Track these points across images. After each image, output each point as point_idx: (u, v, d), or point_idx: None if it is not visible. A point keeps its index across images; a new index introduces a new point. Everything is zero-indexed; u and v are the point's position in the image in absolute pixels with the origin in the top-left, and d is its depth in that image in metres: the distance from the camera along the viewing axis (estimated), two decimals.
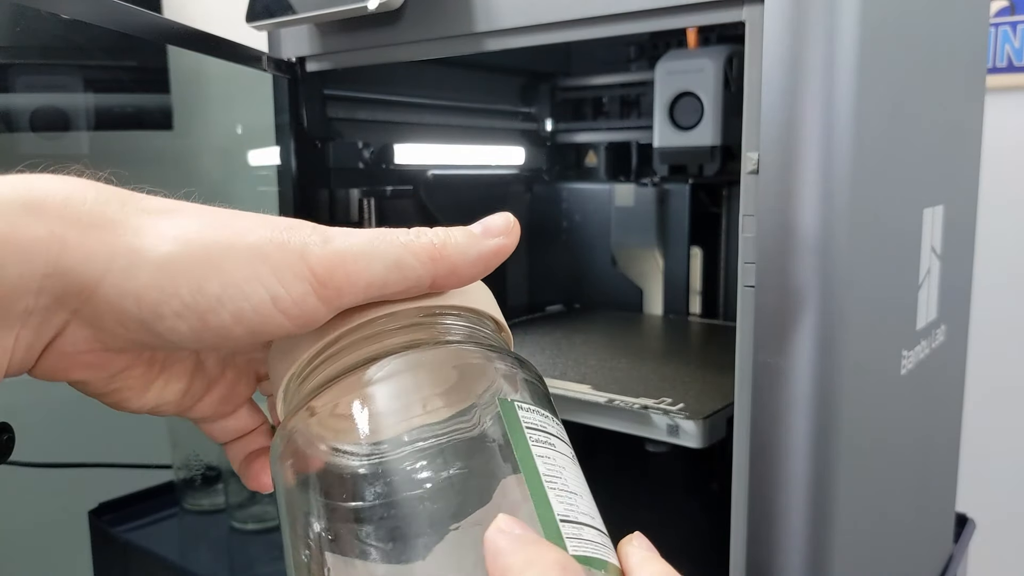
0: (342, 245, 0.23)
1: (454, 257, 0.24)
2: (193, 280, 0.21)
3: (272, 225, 0.23)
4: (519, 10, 0.52)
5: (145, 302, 0.21)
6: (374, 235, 0.24)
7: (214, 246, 0.22)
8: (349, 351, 0.24)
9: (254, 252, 0.22)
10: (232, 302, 0.22)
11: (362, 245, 0.23)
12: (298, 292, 0.22)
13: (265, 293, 0.22)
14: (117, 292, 0.21)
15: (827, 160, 0.41)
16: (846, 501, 0.45)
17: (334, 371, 0.23)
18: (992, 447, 1.08)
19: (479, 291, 0.27)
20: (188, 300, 0.21)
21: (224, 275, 0.22)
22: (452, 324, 0.25)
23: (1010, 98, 1.03)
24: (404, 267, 0.23)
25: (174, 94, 0.95)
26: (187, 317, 0.22)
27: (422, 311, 0.24)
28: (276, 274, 0.22)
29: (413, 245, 0.24)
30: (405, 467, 0.21)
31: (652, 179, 0.90)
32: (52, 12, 0.51)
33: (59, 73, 0.81)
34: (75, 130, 0.84)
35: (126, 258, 0.21)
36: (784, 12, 0.41)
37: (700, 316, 0.90)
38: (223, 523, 0.75)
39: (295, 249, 0.22)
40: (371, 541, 0.21)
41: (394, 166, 0.78)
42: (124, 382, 0.26)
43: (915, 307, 0.54)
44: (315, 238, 0.23)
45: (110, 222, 0.21)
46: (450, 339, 0.24)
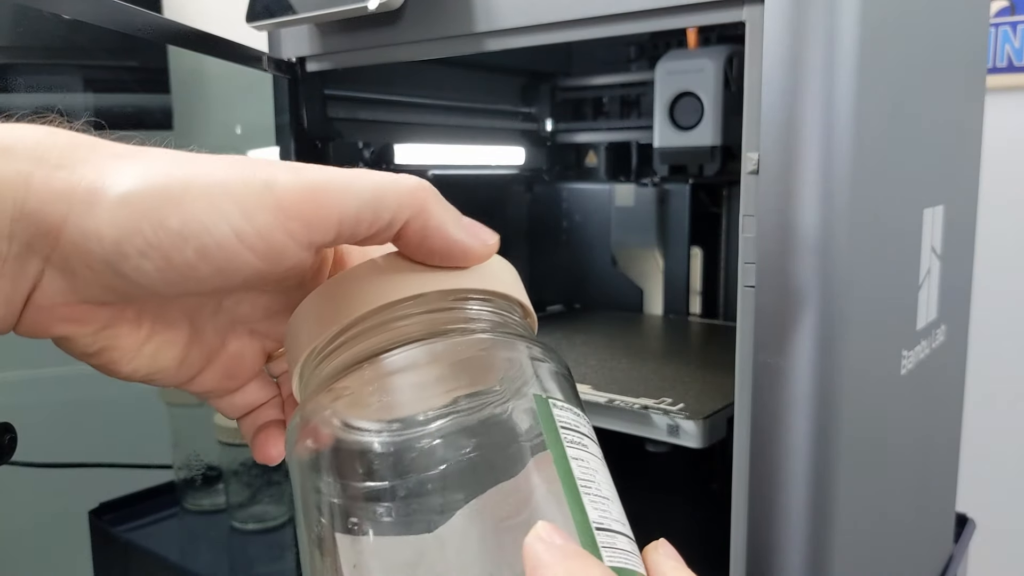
0: (314, 176, 0.22)
1: (430, 221, 0.23)
2: (154, 215, 0.21)
3: (244, 161, 0.22)
4: (519, 10, 0.52)
5: (107, 240, 0.21)
6: (353, 173, 0.22)
7: (176, 181, 0.21)
8: (372, 334, 0.23)
9: (217, 184, 0.21)
10: (195, 237, 0.21)
11: (337, 178, 0.22)
12: (263, 224, 0.21)
13: (227, 227, 0.21)
14: (80, 232, 0.21)
15: (827, 160, 0.41)
16: (846, 501, 0.45)
17: (357, 354, 0.22)
18: (992, 447, 1.08)
19: (506, 273, 0.26)
20: (150, 237, 0.21)
21: (185, 209, 0.21)
22: (479, 310, 0.24)
23: (1010, 98, 1.03)
24: (379, 206, 0.22)
25: (174, 94, 0.95)
26: (151, 256, 0.21)
27: (449, 295, 0.24)
28: (239, 206, 0.21)
29: (394, 190, 0.22)
30: (425, 451, 0.21)
31: (652, 179, 0.90)
32: (53, 12, 0.51)
33: (60, 73, 0.81)
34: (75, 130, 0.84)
35: (87, 196, 0.20)
36: (784, 12, 0.41)
37: (700, 316, 0.90)
38: (223, 523, 0.75)
39: (261, 179, 0.21)
40: (384, 518, 0.21)
41: (394, 166, 0.78)
42: (110, 341, 0.25)
43: (915, 307, 0.54)
44: (284, 168, 0.22)
45: (78, 163, 0.21)
46: (477, 327, 0.23)
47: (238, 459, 0.72)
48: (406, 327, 0.23)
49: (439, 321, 0.23)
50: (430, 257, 0.24)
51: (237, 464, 0.72)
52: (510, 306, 0.25)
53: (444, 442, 0.21)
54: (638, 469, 0.78)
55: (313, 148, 0.70)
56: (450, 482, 0.21)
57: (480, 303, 0.24)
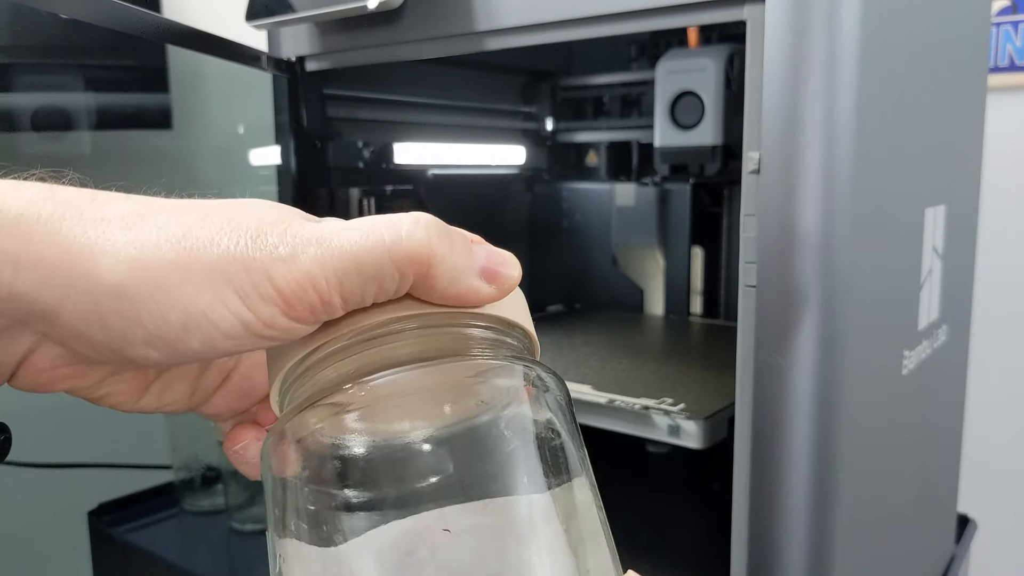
0: (312, 261, 0.20)
1: (438, 280, 0.22)
2: (154, 309, 0.20)
3: (239, 233, 0.21)
4: (519, 9, 0.51)
5: (111, 330, 0.20)
6: (350, 241, 0.21)
7: (172, 269, 0.20)
8: (364, 351, 0.22)
9: (215, 274, 0.20)
10: (199, 330, 0.20)
11: (335, 258, 0.21)
12: (267, 315, 0.21)
13: (233, 318, 0.20)
14: (80, 319, 0.20)
15: (828, 159, 0.41)
16: (847, 501, 0.45)
17: (349, 371, 0.22)
18: (994, 447, 1.08)
19: (514, 297, 0.25)
20: (153, 330, 0.20)
21: (186, 302, 0.20)
22: (480, 333, 0.23)
23: (1012, 98, 1.03)
24: (383, 281, 0.21)
25: (173, 93, 0.95)
26: (156, 345, 0.20)
27: (445, 317, 0.23)
28: (241, 297, 0.20)
29: (398, 254, 0.21)
30: (413, 464, 0.21)
31: (653, 179, 0.90)
32: (52, 12, 0.51)
33: (59, 73, 0.81)
34: (75, 130, 0.84)
35: (82, 284, 0.20)
36: (785, 11, 0.41)
37: (701, 316, 0.90)
38: (223, 524, 0.75)
39: (260, 267, 0.20)
40: (365, 530, 0.21)
41: (394, 165, 0.78)
42: (114, 387, 0.25)
43: (916, 307, 0.54)
44: (282, 251, 0.20)
45: (65, 240, 0.20)
46: (477, 349, 0.23)
47: None
48: (400, 346, 0.22)
49: (435, 341, 0.23)
50: (442, 303, 0.23)
51: None
52: (511, 329, 0.25)
53: (434, 458, 0.21)
54: (639, 469, 0.78)
55: (312, 147, 0.70)
56: (439, 496, 0.21)
57: (481, 327, 0.24)
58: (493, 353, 0.23)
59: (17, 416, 0.49)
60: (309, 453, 0.22)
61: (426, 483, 0.21)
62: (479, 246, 0.23)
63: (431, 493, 0.21)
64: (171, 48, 0.91)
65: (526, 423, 0.22)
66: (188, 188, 0.25)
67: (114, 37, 0.54)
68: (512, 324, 0.24)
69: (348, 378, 0.21)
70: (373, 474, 0.21)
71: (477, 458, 0.22)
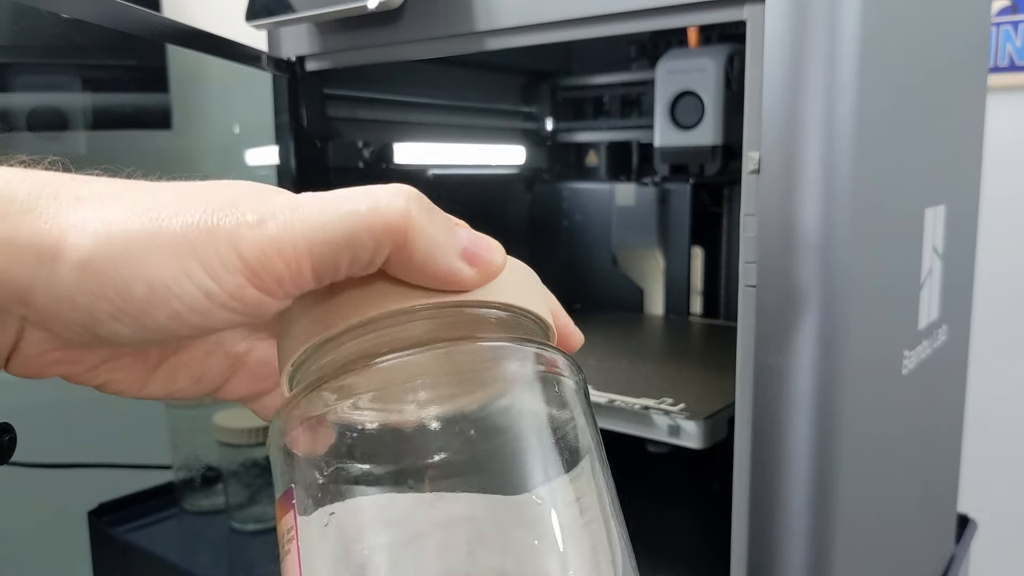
0: (279, 227, 0.20)
1: (415, 253, 0.21)
2: (118, 281, 0.19)
3: (207, 203, 0.20)
4: (519, 9, 0.51)
5: (78, 306, 0.20)
6: (324, 206, 0.20)
7: (136, 241, 0.19)
8: (377, 333, 0.22)
9: (179, 243, 0.19)
10: (164, 303, 0.20)
11: (305, 225, 0.20)
12: (232, 286, 0.20)
13: (196, 290, 0.20)
14: (50, 297, 0.19)
15: (828, 159, 0.41)
16: (847, 501, 0.45)
17: (361, 352, 0.21)
18: (994, 447, 1.08)
19: (525, 284, 0.24)
20: (118, 303, 0.19)
21: (149, 274, 0.19)
22: (490, 316, 0.23)
23: (1012, 97, 1.03)
24: (357, 247, 0.20)
25: (173, 93, 0.95)
26: (123, 320, 0.20)
27: (457, 304, 0.22)
28: (205, 267, 0.19)
29: (374, 222, 0.20)
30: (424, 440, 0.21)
31: (653, 178, 0.90)
32: (51, 11, 0.51)
33: (58, 72, 0.81)
34: (73, 130, 0.84)
35: (50, 259, 0.19)
36: (785, 11, 0.41)
37: (701, 316, 0.90)
38: (223, 524, 0.75)
39: (225, 235, 0.20)
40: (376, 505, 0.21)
41: (394, 166, 0.78)
42: (112, 374, 0.24)
43: (917, 307, 0.54)
44: (249, 218, 0.20)
45: (38, 219, 0.19)
46: (495, 333, 0.22)
47: (237, 460, 0.72)
48: (411, 328, 0.22)
49: (446, 323, 0.22)
50: (421, 283, 0.22)
51: (236, 465, 0.72)
52: (525, 314, 0.24)
53: (444, 437, 0.21)
54: (639, 469, 0.78)
55: (312, 147, 0.70)
56: (450, 474, 0.21)
57: (495, 311, 0.23)
58: (505, 336, 0.22)
59: (18, 416, 0.49)
60: (318, 432, 0.22)
61: (435, 461, 0.21)
62: (462, 228, 0.23)
63: (441, 472, 0.21)
64: (171, 48, 0.91)
65: (539, 406, 0.22)
66: None
67: (114, 37, 0.54)
68: (524, 310, 0.23)
69: (358, 359, 0.21)
70: (382, 452, 0.21)
71: (490, 439, 0.21)
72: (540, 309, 0.24)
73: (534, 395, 0.22)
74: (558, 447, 0.22)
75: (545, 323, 0.24)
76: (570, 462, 0.22)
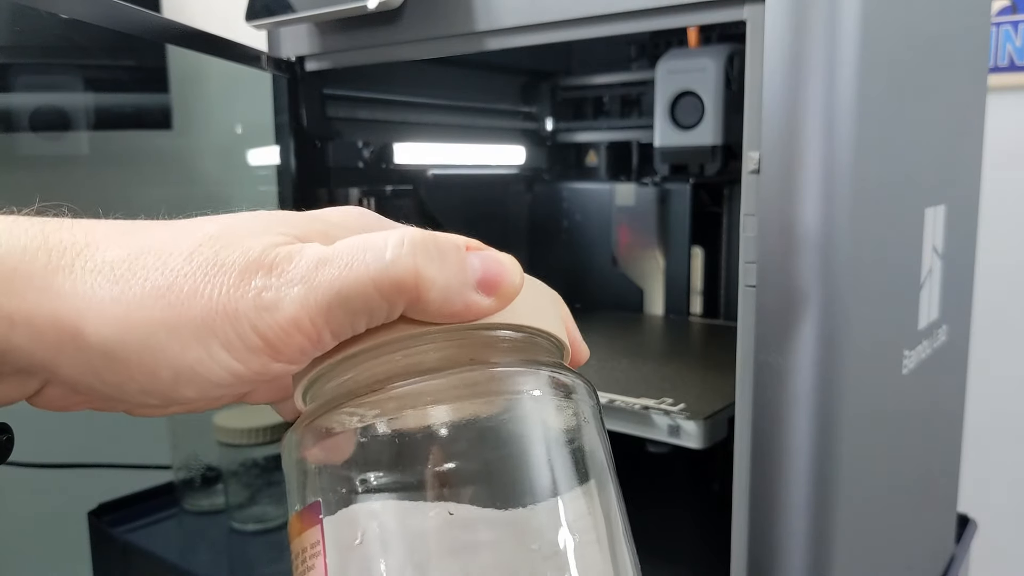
0: (296, 305, 0.20)
1: (430, 304, 0.21)
2: (144, 368, 0.20)
3: (223, 276, 0.20)
4: (519, 9, 0.51)
5: (108, 383, 0.20)
6: (338, 271, 0.20)
7: (158, 327, 0.20)
8: (382, 357, 0.22)
9: (201, 328, 0.20)
10: (190, 384, 0.21)
11: (322, 294, 0.20)
12: (256, 365, 0.21)
13: (221, 371, 0.20)
14: (77, 372, 0.20)
15: (828, 159, 0.41)
16: (847, 501, 0.45)
17: (364, 382, 0.22)
18: (994, 447, 1.08)
19: (540, 301, 0.24)
20: (146, 385, 0.21)
21: (173, 360, 0.20)
22: (504, 338, 0.23)
23: (1012, 97, 1.03)
24: (372, 311, 0.21)
25: (173, 93, 0.95)
26: (153, 395, 0.21)
27: (473, 327, 0.22)
28: (228, 350, 0.20)
29: (383, 283, 0.20)
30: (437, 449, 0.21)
31: (653, 178, 0.90)
32: (51, 12, 0.51)
33: (58, 73, 0.81)
34: (75, 130, 0.84)
35: (72, 345, 0.20)
36: (785, 11, 0.41)
37: (701, 316, 0.90)
38: (223, 524, 0.75)
39: (244, 319, 0.20)
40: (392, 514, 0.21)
41: (394, 166, 0.78)
42: (136, 400, 0.24)
43: (917, 307, 0.54)
44: (266, 298, 0.20)
45: (56, 297, 0.20)
46: (510, 357, 0.23)
47: (237, 460, 0.72)
48: (427, 352, 0.22)
49: (461, 348, 0.22)
50: (441, 322, 0.22)
51: (236, 465, 0.72)
52: (539, 334, 0.24)
53: (458, 452, 0.21)
54: (638, 469, 0.78)
55: (312, 147, 0.70)
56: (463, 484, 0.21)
57: (509, 332, 0.23)
58: (519, 359, 0.23)
59: (17, 416, 0.49)
60: (339, 447, 0.22)
61: (448, 470, 0.21)
62: (475, 255, 0.22)
63: (454, 481, 0.21)
64: (171, 48, 0.91)
65: (551, 426, 0.22)
66: (188, 188, 0.25)
67: (114, 37, 0.54)
68: (540, 331, 0.24)
69: (375, 382, 0.22)
70: (395, 465, 0.21)
71: (501, 451, 0.22)
72: (555, 328, 0.24)
73: (547, 416, 0.22)
74: (569, 464, 0.22)
75: (560, 342, 0.24)
76: (581, 479, 0.22)
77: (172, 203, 0.25)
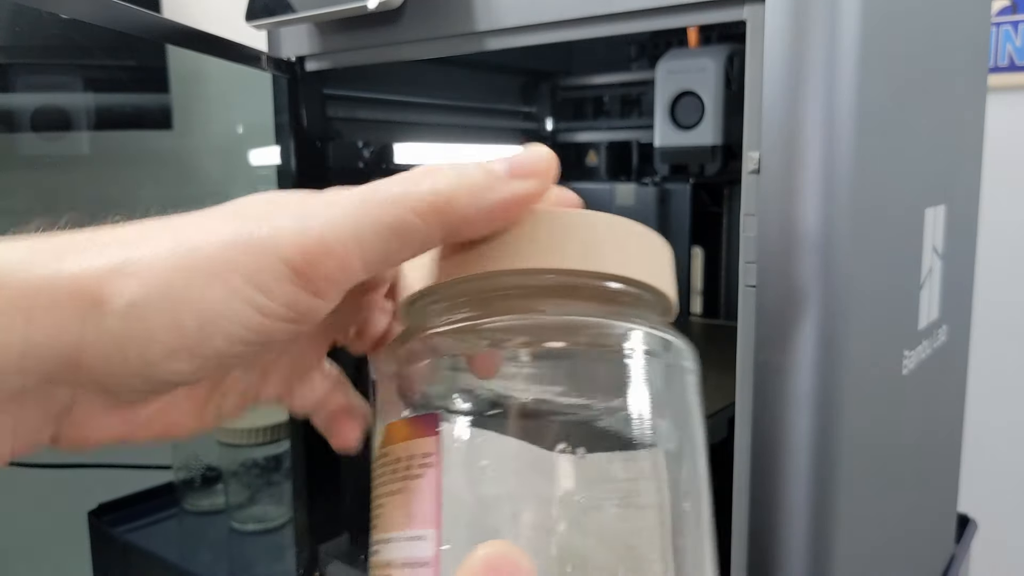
0: (322, 226, 0.19)
1: (465, 208, 0.20)
2: (166, 320, 0.19)
3: (241, 215, 0.20)
4: (520, 9, 0.51)
5: (130, 354, 0.19)
6: (361, 199, 0.20)
7: (174, 273, 0.19)
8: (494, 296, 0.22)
9: (221, 264, 0.19)
10: (218, 330, 0.19)
11: (348, 218, 0.19)
12: (285, 296, 0.19)
13: (248, 308, 0.19)
14: (100, 353, 0.19)
15: (829, 159, 0.41)
16: (848, 501, 0.45)
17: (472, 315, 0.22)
18: (994, 447, 1.08)
19: (654, 256, 0.24)
20: (170, 342, 0.19)
21: (195, 303, 0.19)
22: (612, 289, 0.23)
23: (1012, 97, 1.03)
24: (405, 232, 0.20)
25: (173, 93, 0.95)
26: (180, 357, 0.19)
27: (588, 274, 0.22)
28: (253, 282, 0.19)
29: (410, 200, 0.20)
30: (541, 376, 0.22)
31: (653, 178, 0.90)
32: (51, 12, 0.51)
33: (59, 73, 0.81)
34: (75, 130, 0.84)
35: (94, 311, 0.18)
36: (785, 11, 0.41)
37: (701, 316, 0.90)
38: (223, 524, 0.75)
39: (267, 245, 0.19)
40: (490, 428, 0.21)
41: (394, 166, 0.78)
42: (166, 421, 0.23)
43: (917, 307, 0.54)
44: (288, 223, 0.19)
45: (71, 276, 0.19)
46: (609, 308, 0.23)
47: (237, 460, 0.72)
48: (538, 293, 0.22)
49: (571, 294, 0.22)
50: (498, 228, 0.21)
51: (236, 465, 0.72)
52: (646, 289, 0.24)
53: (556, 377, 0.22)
54: None
55: (312, 147, 0.70)
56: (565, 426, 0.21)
57: (627, 290, 0.23)
58: (623, 312, 0.23)
59: None
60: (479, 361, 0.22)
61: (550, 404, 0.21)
62: (496, 162, 0.22)
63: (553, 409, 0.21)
64: (171, 48, 0.91)
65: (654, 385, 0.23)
66: (188, 188, 0.25)
67: (114, 37, 0.54)
68: (647, 285, 0.24)
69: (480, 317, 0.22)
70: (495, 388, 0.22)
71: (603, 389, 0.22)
72: (663, 283, 0.24)
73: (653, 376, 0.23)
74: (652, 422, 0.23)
75: (664, 294, 0.25)
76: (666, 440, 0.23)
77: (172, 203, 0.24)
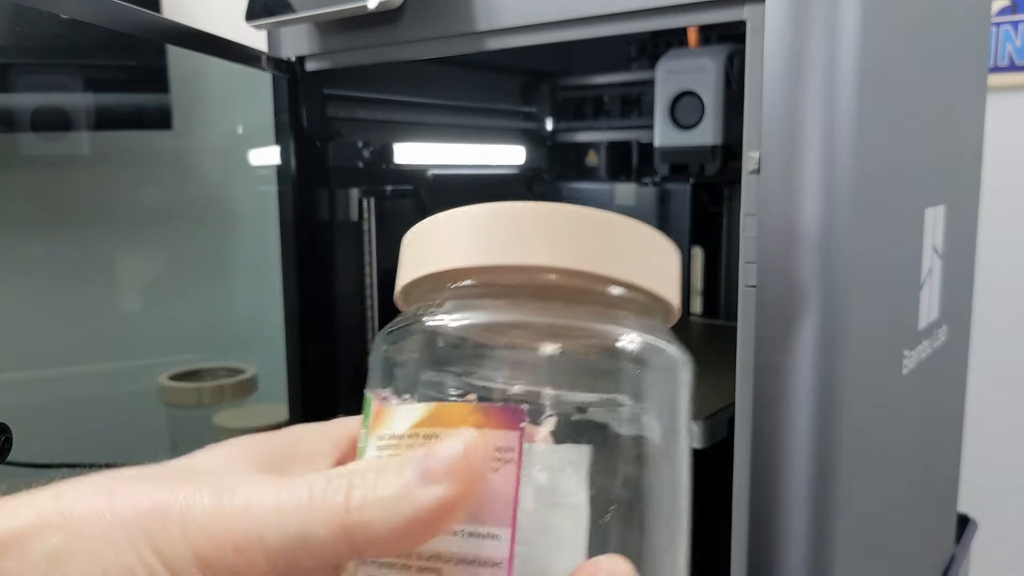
0: (226, 514, 0.19)
1: (373, 524, 0.18)
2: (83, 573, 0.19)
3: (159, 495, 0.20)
4: (519, 9, 0.51)
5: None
6: (277, 496, 0.19)
7: (94, 528, 0.19)
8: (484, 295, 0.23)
9: (133, 528, 0.19)
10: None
11: (256, 513, 0.19)
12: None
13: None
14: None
15: (828, 159, 0.41)
16: (848, 501, 0.45)
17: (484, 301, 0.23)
18: (994, 448, 1.08)
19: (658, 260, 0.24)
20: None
21: (106, 563, 0.19)
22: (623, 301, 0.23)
23: (1012, 97, 1.03)
24: (311, 540, 0.19)
25: (173, 93, 0.95)
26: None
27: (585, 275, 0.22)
28: (159, 557, 0.19)
29: (318, 508, 0.19)
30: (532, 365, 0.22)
31: (653, 179, 0.90)
32: (51, 12, 0.51)
33: (59, 73, 0.81)
34: (75, 130, 0.84)
35: (18, 551, 0.19)
36: (785, 11, 0.41)
37: (701, 316, 0.90)
38: None
39: (183, 522, 0.19)
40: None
41: (394, 165, 0.78)
42: None
43: (917, 307, 0.54)
44: (206, 503, 0.19)
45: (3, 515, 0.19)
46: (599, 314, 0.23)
47: None
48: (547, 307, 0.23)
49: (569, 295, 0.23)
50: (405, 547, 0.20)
51: None
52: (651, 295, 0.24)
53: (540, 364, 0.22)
54: None
55: (312, 147, 0.70)
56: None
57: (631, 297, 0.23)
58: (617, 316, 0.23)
59: (17, 416, 0.49)
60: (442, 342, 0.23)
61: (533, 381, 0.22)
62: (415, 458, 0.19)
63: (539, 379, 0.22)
64: (171, 48, 0.91)
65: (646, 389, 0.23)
66: (188, 188, 0.25)
67: (114, 37, 0.54)
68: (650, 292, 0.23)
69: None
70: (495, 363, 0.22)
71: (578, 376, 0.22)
72: (665, 288, 0.24)
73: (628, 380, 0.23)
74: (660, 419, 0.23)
75: (665, 301, 0.24)
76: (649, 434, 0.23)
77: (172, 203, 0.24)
